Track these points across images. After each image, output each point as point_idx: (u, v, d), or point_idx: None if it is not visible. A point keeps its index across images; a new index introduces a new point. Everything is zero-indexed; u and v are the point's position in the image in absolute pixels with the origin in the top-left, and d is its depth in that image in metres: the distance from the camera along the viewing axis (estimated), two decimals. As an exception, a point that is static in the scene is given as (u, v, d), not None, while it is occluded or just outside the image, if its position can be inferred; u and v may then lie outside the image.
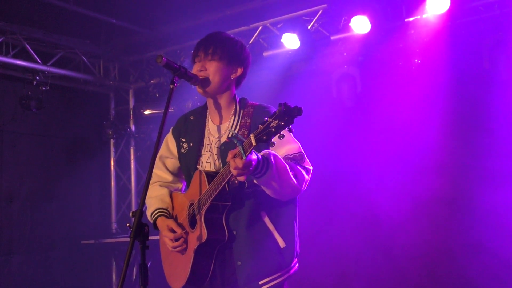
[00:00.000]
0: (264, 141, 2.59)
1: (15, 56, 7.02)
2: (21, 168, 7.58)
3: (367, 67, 6.88)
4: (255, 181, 2.92)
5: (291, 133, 3.00)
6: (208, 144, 3.29)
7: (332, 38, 6.67)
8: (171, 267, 3.36)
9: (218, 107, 3.30)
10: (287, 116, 2.53)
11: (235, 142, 2.66)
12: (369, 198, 6.60)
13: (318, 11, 6.61)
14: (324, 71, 7.08)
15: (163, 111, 2.94)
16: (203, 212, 3.04)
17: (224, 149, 3.14)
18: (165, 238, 3.24)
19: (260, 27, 7.03)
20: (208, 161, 3.26)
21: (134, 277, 7.86)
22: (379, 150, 6.55)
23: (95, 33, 7.59)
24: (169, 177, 3.52)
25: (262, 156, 2.81)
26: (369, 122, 6.75)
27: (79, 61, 7.93)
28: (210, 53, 3.22)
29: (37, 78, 7.22)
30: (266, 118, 2.59)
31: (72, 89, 8.10)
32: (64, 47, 7.56)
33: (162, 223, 3.30)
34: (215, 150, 3.24)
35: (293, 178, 2.92)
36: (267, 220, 3.11)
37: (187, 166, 3.35)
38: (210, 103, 3.34)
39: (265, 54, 7.01)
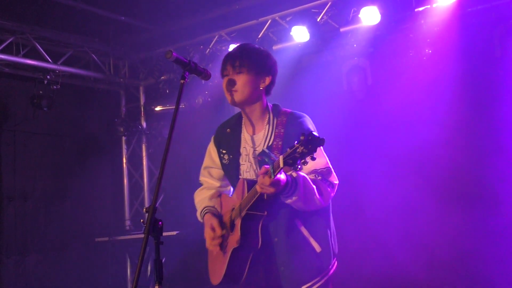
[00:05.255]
0: (290, 165, 2.71)
1: (25, 56, 7.05)
2: (34, 168, 7.62)
3: (378, 58, 6.84)
4: (283, 200, 3.04)
5: (320, 148, 3.10)
6: (246, 155, 3.42)
7: (341, 30, 6.64)
8: (213, 263, 3.53)
9: (251, 117, 3.41)
10: (311, 144, 2.64)
11: (266, 160, 2.86)
12: (380, 190, 6.57)
13: (327, 3, 6.58)
14: (334, 63, 7.05)
15: (173, 107, 2.94)
16: (240, 218, 3.18)
17: (261, 160, 3.25)
18: (205, 234, 3.42)
19: (269, 21, 7.02)
20: (248, 171, 3.40)
21: (149, 273, 7.88)
22: (391, 141, 6.51)
23: (104, 31, 7.59)
24: (217, 183, 3.69)
25: (292, 178, 2.95)
26: (380, 113, 6.71)
27: (89, 59, 7.95)
28: (237, 66, 3.30)
29: (48, 77, 7.25)
30: (295, 142, 2.70)
31: (82, 88, 8.12)
32: (73, 46, 7.59)
33: (207, 220, 3.47)
34: (253, 160, 3.35)
35: (318, 198, 3.07)
36: (302, 227, 3.25)
37: (230, 176, 3.53)
38: (244, 114, 3.46)
39: (274, 47, 6.99)
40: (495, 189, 5.99)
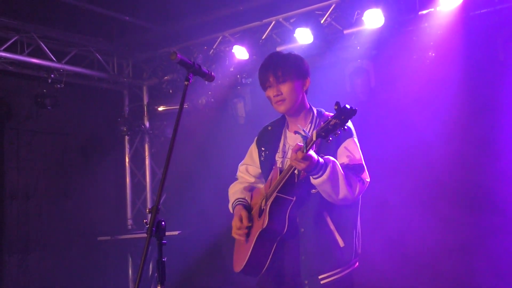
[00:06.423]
0: (323, 137, 2.84)
1: (29, 55, 7.07)
2: (37, 166, 7.64)
3: (381, 61, 6.84)
4: (311, 181, 3.14)
5: (356, 144, 3.41)
6: (285, 152, 3.56)
7: (345, 32, 6.65)
8: (238, 249, 3.64)
9: (296, 117, 3.56)
10: (343, 115, 2.77)
11: (301, 137, 2.93)
12: (381, 191, 6.57)
13: (331, 5, 6.59)
14: (337, 65, 7.04)
15: (176, 107, 2.99)
16: (269, 202, 3.30)
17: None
18: (233, 223, 3.56)
19: (273, 22, 7.03)
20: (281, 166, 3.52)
21: (150, 272, 7.90)
22: (394, 143, 6.52)
23: (108, 30, 7.61)
24: (251, 179, 3.84)
25: (323, 159, 3.09)
26: (383, 115, 6.72)
27: (93, 59, 7.97)
28: (280, 76, 3.43)
29: (52, 76, 7.26)
30: (329, 117, 2.83)
31: (86, 87, 8.15)
32: (77, 45, 7.61)
33: (238, 210, 3.61)
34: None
35: (346, 187, 3.16)
36: (329, 220, 3.35)
37: (266, 171, 3.66)
38: (289, 116, 3.59)
39: (278, 49, 6.99)
40: (494, 192, 6.02)
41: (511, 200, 5.93)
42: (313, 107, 3.60)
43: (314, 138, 2.87)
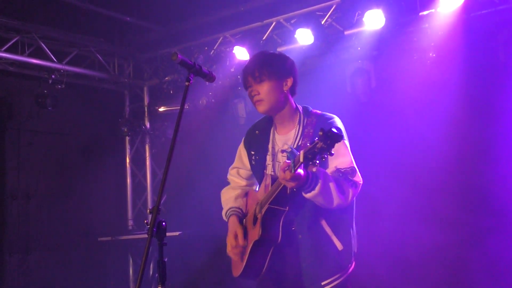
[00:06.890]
0: (310, 160, 2.78)
1: (30, 55, 7.07)
2: (37, 166, 7.64)
3: (382, 62, 6.84)
4: (303, 195, 3.11)
5: (347, 147, 3.36)
6: (274, 154, 3.54)
7: (346, 32, 6.65)
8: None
9: (282, 119, 3.53)
10: (329, 140, 2.68)
11: (288, 155, 2.91)
12: (380, 192, 6.58)
13: (332, 6, 6.59)
14: (338, 66, 7.05)
15: (177, 108, 2.99)
16: (262, 212, 3.30)
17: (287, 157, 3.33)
18: (228, 240, 3.54)
19: (274, 23, 7.03)
20: (273, 171, 3.52)
21: (151, 273, 7.91)
22: (394, 144, 6.52)
23: (109, 31, 7.63)
24: (243, 182, 3.83)
25: (313, 173, 3.04)
26: (383, 116, 6.72)
27: (94, 59, 7.97)
28: (257, 76, 3.41)
29: (53, 76, 7.26)
30: (316, 138, 2.76)
31: (87, 87, 8.15)
32: (78, 45, 7.61)
33: (233, 224, 3.60)
34: (282, 159, 3.41)
35: (338, 195, 3.13)
36: (325, 225, 3.34)
37: (257, 176, 3.67)
38: (275, 117, 3.56)
39: (279, 49, 6.99)
40: (492, 193, 6.03)
41: (508, 201, 5.93)
42: (298, 106, 3.56)
43: (301, 160, 2.81)
